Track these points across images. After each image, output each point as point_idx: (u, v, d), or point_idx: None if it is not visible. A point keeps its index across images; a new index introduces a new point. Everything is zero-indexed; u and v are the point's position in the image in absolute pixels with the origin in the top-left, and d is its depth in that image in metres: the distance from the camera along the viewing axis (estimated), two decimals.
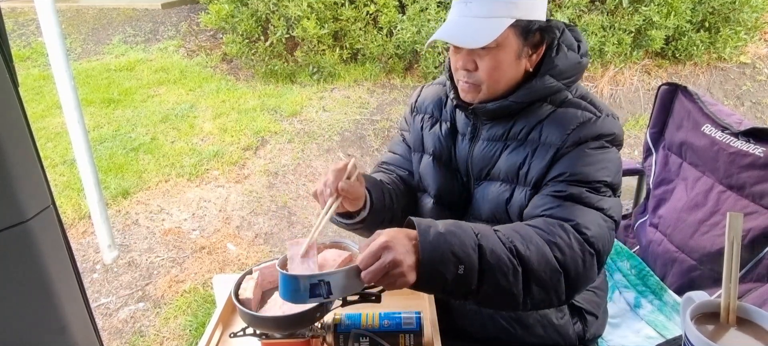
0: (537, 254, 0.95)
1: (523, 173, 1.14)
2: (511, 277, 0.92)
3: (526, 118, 1.16)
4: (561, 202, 1.06)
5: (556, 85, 1.14)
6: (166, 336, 2.33)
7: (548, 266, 0.95)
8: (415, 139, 1.35)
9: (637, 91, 4.70)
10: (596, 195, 1.07)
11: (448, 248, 0.88)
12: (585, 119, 1.11)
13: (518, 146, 1.15)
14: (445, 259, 0.88)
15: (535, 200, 1.10)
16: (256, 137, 4.03)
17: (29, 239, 0.58)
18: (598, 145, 1.10)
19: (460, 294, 0.92)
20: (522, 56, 1.12)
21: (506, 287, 0.92)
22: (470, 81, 1.14)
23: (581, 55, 1.16)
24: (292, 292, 0.86)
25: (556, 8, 4.63)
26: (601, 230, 1.03)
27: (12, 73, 0.57)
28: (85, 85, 4.98)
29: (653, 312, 1.55)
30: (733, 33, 4.70)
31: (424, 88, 1.39)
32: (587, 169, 1.07)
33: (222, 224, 3.10)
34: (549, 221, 1.02)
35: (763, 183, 1.39)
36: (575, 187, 1.06)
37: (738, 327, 0.75)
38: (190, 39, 5.91)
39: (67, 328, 0.63)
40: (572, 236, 0.99)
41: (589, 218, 1.03)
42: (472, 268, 0.89)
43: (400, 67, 4.96)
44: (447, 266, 0.88)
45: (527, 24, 1.09)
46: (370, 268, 0.85)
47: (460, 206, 1.27)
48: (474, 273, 0.90)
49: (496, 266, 0.91)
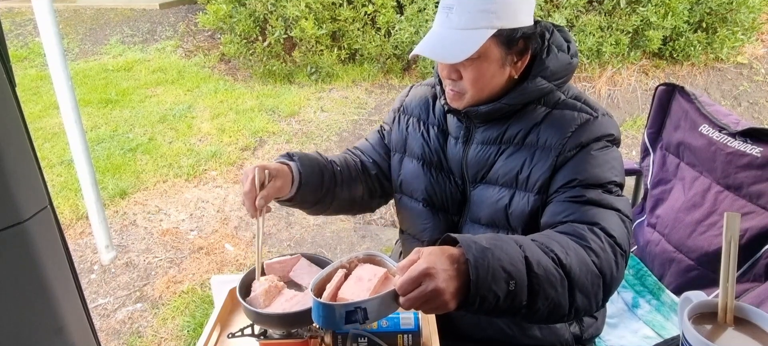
0: (577, 260, 0.92)
1: (523, 177, 1.13)
2: (559, 287, 0.88)
3: (520, 120, 1.16)
4: (583, 206, 1.05)
5: (547, 86, 1.14)
6: (164, 337, 2.32)
7: (589, 272, 0.93)
8: (398, 140, 1.34)
9: (635, 91, 4.71)
10: (611, 196, 1.07)
11: (498, 264, 0.82)
12: (583, 121, 1.11)
13: (516, 150, 1.15)
14: (496, 276, 0.82)
15: (553, 208, 1.09)
16: (254, 138, 4.03)
17: (26, 239, 0.58)
18: (601, 146, 1.11)
19: (509, 312, 0.86)
20: (506, 64, 1.11)
21: (555, 299, 0.88)
22: (455, 89, 1.14)
23: (571, 55, 1.16)
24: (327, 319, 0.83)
25: (554, 9, 4.63)
26: (623, 231, 1.03)
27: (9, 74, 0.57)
28: (82, 85, 4.97)
29: (651, 312, 1.56)
30: (731, 33, 4.71)
31: (413, 88, 1.38)
32: (597, 171, 1.07)
33: (220, 225, 3.10)
34: (578, 226, 1.01)
35: (760, 183, 1.39)
36: (592, 190, 1.06)
37: (735, 327, 0.75)
38: (188, 39, 5.90)
39: (64, 329, 0.63)
40: (604, 239, 0.98)
41: (612, 219, 1.03)
42: (522, 282, 0.84)
43: (398, 68, 4.96)
44: (498, 283, 0.82)
45: (510, 33, 1.07)
46: (410, 295, 0.79)
47: (454, 210, 1.26)
48: (524, 288, 0.85)
49: (544, 278, 0.86)
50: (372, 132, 1.43)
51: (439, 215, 1.27)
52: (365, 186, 1.35)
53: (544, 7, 4.61)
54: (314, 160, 1.24)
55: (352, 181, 1.31)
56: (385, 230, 3.07)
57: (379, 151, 1.38)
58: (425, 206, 1.28)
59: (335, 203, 1.29)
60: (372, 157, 1.37)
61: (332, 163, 1.29)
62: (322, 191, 1.23)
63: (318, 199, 1.24)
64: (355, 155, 1.38)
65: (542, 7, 4.59)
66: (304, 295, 1.07)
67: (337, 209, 1.33)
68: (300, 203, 1.23)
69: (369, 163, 1.36)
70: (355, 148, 1.42)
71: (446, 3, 1.09)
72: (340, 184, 1.28)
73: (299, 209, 1.27)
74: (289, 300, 1.05)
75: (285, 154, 1.22)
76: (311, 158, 1.23)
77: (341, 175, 1.29)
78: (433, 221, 1.27)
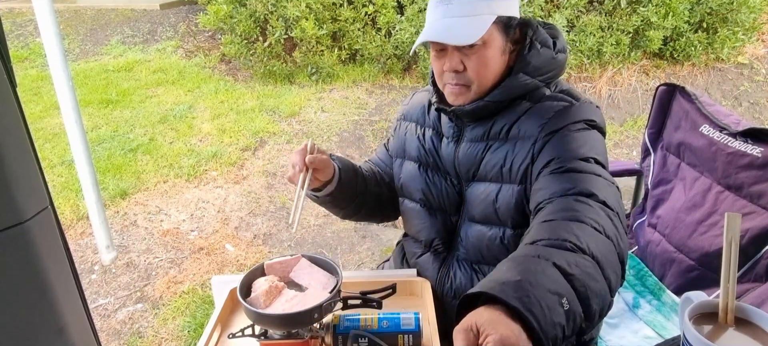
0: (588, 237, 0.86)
1: (507, 170, 1.14)
2: (596, 274, 0.81)
3: (505, 116, 1.16)
4: (565, 175, 1.01)
5: (531, 82, 1.14)
6: (165, 337, 2.33)
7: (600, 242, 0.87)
8: (398, 145, 1.36)
9: (635, 91, 4.71)
10: (591, 165, 1.04)
11: (543, 291, 0.73)
12: (560, 108, 1.11)
13: (500, 145, 1.16)
14: (549, 304, 0.72)
15: (537, 190, 1.05)
16: (254, 138, 4.03)
17: (27, 240, 0.58)
18: (580, 127, 1.09)
19: (575, 330, 0.77)
20: (505, 52, 1.14)
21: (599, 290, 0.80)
22: (460, 82, 1.14)
23: (557, 51, 1.16)
24: None
25: (554, 9, 4.63)
26: (609, 190, 0.99)
27: (10, 74, 0.57)
28: (83, 85, 4.97)
29: (652, 312, 1.56)
30: (731, 34, 4.71)
31: (415, 94, 1.40)
32: (574, 146, 1.06)
33: (220, 225, 3.10)
34: (566, 201, 0.96)
35: (760, 183, 1.39)
36: (570, 162, 1.04)
37: (736, 327, 0.75)
38: (189, 40, 5.91)
39: (65, 329, 0.63)
40: (595, 205, 0.94)
41: (597, 183, 0.99)
42: (569, 295, 0.76)
43: (398, 68, 4.96)
44: (554, 309, 0.73)
45: (508, 20, 1.11)
46: None
47: (451, 210, 1.26)
48: (574, 299, 0.76)
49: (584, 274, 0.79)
50: (380, 149, 1.47)
51: (436, 215, 1.28)
52: (388, 192, 1.39)
53: (544, 7, 4.61)
54: (347, 161, 1.29)
55: (377, 185, 1.36)
56: (385, 231, 3.07)
57: (388, 163, 1.42)
58: (423, 206, 1.29)
59: (365, 207, 1.34)
60: (385, 171, 1.41)
61: (360, 167, 1.35)
62: (356, 191, 1.28)
63: (352, 198, 1.29)
64: (371, 166, 1.43)
65: (543, 7, 4.59)
66: (304, 295, 1.07)
67: (367, 213, 1.39)
68: (337, 200, 1.26)
69: (384, 176, 1.41)
70: (370, 161, 1.46)
71: None
72: (369, 187, 1.33)
73: (333, 209, 1.32)
74: (290, 300, 1.05)
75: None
76: (344, 159, 1.29)
77: (368, 180, 1.34)
78: (430, 221, 1.28)
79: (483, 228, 1.20)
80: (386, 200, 1.39)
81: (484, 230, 1.19)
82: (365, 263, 2.80)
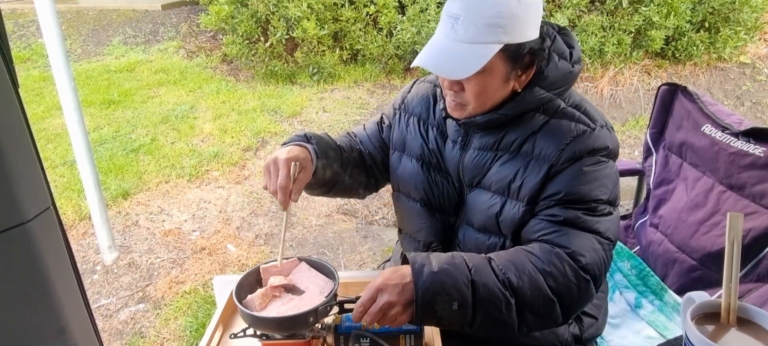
0: (530, 284, 0.98)
1: (516, 186, 1.12)
2: (504, 309, 0.97)
3: (518, 128, 1.14)
4: (557, 227, 1.06)
5: (546, 95, 1.11)
6: (167, 337, 2.33)
7: (541, 296, 0.99)
8: (398, 138, 1.33)
9: (637, 91, 4.70)
10: (593, 216, 1.06)
11: (441, 287, 0.93)
12: (579, 132, 1.09)
13: (511, 158, 1.13)
14: (438, 298, 0.93)
15: (532, 223, 1.10)
16: (256, 138, 4.03)
17: (29, 240, 0.58)
18: (594, 162, 1.08)
19: (456, 326, 0.97)
20: (510, 79, 1.08)
21: (499, 318, 0.97)
22: (457, 100, 1.12)
23: (573, 62, 1.13)
24: None
25: (556, 9, 4.63)
26: (597, 255, 1.04)
27: (12, 75, 0.57)
28: (85, 86, 4.98)
29: (654, 312, 1.55)
30: (733, 33, 4.70)
31: (415, 83, 1.36)
32: (584, 188, 1.06)
33: (222, 225, 3.10)
34: (545, 248, 1.04)
35: (763, 183, 1.39)
36: (571, 210, 1.06)
37: (738, 327, 0.75)
38: (190, 40, 5.91)
39: (66, 329, 0.63)
40: (566, 265, 1.01)
41: (585, 243, 1.03)
42: (465, 303, 0.94)
43: (399, 68, 4.96)
44: (442, 304, 0.93)
45: (517, 49, 1.03)
46: (369, 310, 0.93)
47: (451, 211, 1.25)
48: (468, 308, 0.95)
49: (488, 300, 0.96)
50: (371, 122, 1.41)
51: (435, 215, 1.27)
52: (364, 173, 1.36)
53: (545, 7, 4.60)
54: (328, 146, 1.24)
55: (355, 167, 1.32)
56: (386, 231, 3.07)
57: (376, 143, 1.37)
58: (422, 205, 1.28)
59: (338, 186, 1.29)
60: (368, 148, 1.37)
61: (340, 147, 1.30)
62: (332, 177, 1.25)
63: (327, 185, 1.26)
64: (353, 142, 1.38)
65: (544, 7, 4.59)
66: (300, 298, 1.07)
67: (338, 191, 1.34)
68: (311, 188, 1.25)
69: (365, 154, 1.36)
70: (353, 134, 1.41)
71: (452, 11, 1.04)
72: (346, 169, 1.29)
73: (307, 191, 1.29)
74: (285, 304, 1.05)
75: (302, 135, 1.21)
76: (326, 143, 1.24)
77: (348, 161, 1.30)
78: (430, 221, 1.27)
79: (482, 236, 1.19)
80: (360, 185, 1.36)
81: (483, 239, 1.19)
82: (367, 263, 2.80)
